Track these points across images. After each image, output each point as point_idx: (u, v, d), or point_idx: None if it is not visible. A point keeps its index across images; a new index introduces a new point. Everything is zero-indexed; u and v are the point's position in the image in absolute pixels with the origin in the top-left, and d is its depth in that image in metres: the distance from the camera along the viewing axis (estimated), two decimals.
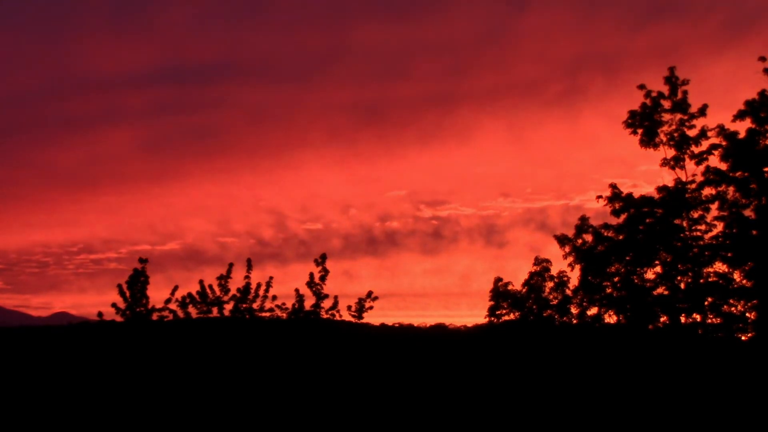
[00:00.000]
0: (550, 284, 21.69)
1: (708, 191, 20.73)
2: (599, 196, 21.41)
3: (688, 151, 21.04)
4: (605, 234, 21.19)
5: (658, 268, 20.67)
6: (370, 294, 18.52)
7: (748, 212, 20.33)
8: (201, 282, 18.59)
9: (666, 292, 20.52)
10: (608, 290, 20.99)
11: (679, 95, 21.11)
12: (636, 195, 21.14)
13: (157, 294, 18.54)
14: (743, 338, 20.26)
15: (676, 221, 20.80)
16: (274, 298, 18.51)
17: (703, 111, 21.08)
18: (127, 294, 18.18)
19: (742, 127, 20.57)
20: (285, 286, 18.87)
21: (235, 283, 18.66)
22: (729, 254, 20.21)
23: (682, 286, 20.47)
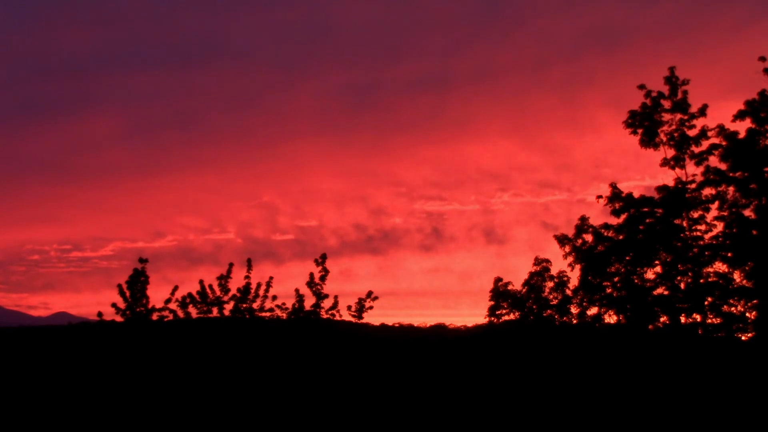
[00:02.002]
0: (550, 284, 21.70)
1: (708, 191, 20.75)
2: (599, 197, 21.45)
3: (688, 151, 21.05)
4: (605, 234, 21.20)
5: (658, 268, 20.68)
6: (370, 294, 18.54)
7: (748, 212, 20.36)
8: (201, 282, 18.62)
9: (666, 292, 20.53)
10: (608, 290, 20.99)
11: (679, 95, 21.11)
12: (645, 187, 21.22)
13: (150, 292, 18.55)
14: (743, 338, 20.26)
15: (676, 221, 20.80)
16: (274, 298, 18.52)
17: (703, 111, 21.09)
18: (127, 294, 18.19)
19: (742, 127, 20.60)
20: (280, 284, 18.87)
21: (235, 283, 18.69)
22: (729, 254, 20.21)
23: (682, 286, 20.47)
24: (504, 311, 21.81)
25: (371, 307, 18.55)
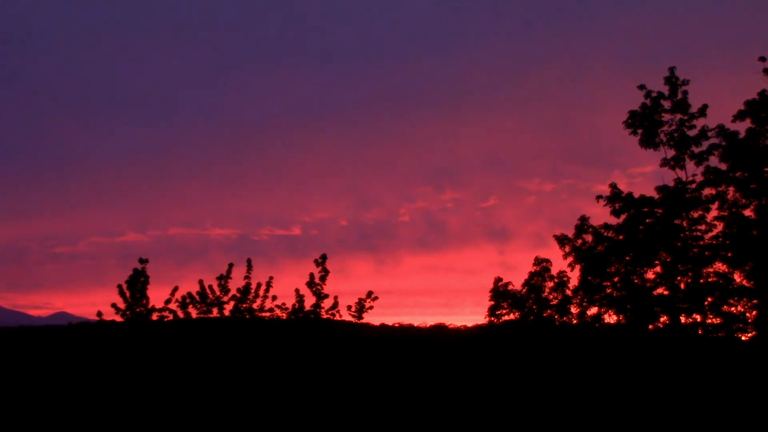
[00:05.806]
0: (550, 284, 21.71)
1: (708, 191, 20.73)
2: (599, 197, 21.45)
3: (688, 151, 21.05)
4: (605, 234, 21.21)
5: (658, 268, 20.67)
6: (370, 294, 18.58)
7: (748, 212, 20.34)
8: (201, 282, 18.64)
9: (666, 292, 20.52)
10: (608, 290, 21.00)
11: (679, 95, 21.12)
12: (654, 175, 21.20)
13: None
14: (743, 338, 20.26)
15: (676, 221, 20.80)
16: (274, 298, 18.56)
17: (703, 111, 21.10)
18: (127, 294, 18.21)
19: (742, 127, 20.61)
20: (275, 282, 18.83)
21: (235, 283, 18.70)
22: (729, 254, 20.20)
23: (682, 286, 20.46)
24: (504, 311, 21.83)
25: (371, 307, 18.60)
